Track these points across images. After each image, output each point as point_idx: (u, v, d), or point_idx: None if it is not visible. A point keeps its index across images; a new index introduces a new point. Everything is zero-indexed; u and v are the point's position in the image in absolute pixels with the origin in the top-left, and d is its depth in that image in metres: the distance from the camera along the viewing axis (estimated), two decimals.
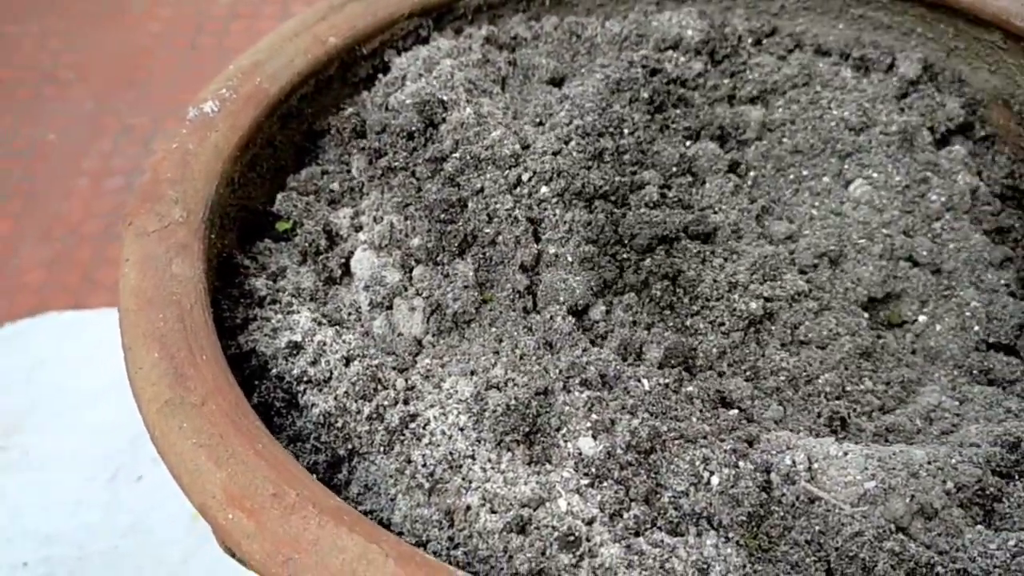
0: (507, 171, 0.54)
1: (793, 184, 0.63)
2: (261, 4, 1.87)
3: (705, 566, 0.41)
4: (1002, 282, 0.59)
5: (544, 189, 0.54)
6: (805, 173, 0.63)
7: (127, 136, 1.61)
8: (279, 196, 0.59)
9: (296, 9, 1.74)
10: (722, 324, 0.54)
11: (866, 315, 0.57)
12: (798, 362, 0.53)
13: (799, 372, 0.52)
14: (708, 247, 0.56)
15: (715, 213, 0.58)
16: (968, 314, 0.58)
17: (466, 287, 0.52)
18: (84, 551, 1.01)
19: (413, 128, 0.59)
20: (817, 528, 0.43)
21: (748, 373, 0.52)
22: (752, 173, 0.64)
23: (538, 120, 0.61)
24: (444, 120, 0.59)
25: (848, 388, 0.52)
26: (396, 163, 0.59)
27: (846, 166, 0.63)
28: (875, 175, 0.62)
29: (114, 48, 1.80)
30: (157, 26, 1.85)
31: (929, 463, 0.46)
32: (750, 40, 0.71)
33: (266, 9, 1.86)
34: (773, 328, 0.54)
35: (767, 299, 0.54)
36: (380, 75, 0.67)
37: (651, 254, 0.54)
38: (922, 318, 0.59)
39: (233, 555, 0.41)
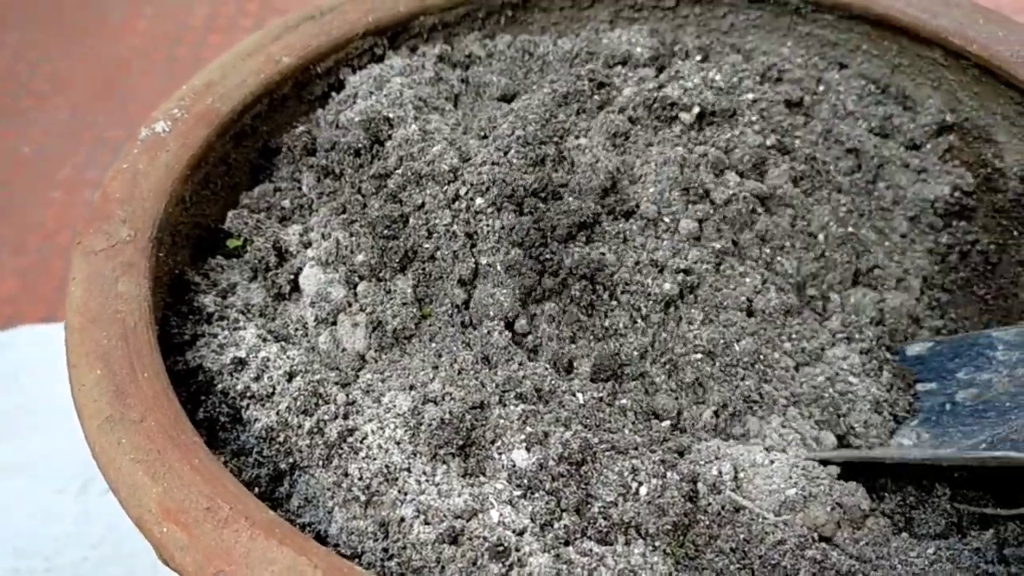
0: (446, 186, 0.56)
1: None
2: (237, 17, 1.88)
3: (632, 574, 0.42)
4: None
5: (479, 200, 0.55)
6: None
7: (103, 148, 1.62)
8: (230, 214, 0.60)
9: (272, 22, 1.75)
10: (639, 309, 0.55)
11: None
12: (713, 332, 0.54)
13: (715, 343, 0.54)
14: (630, 223, 0.57)
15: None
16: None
17: (404, 304, 0.53)
18: (53, 563, 1.02)
19: (360, 145, 0.60)
20: (742, 536, 0.44)
21: (668, 367, 0.54)
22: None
23: (482, 134, 0.63)
24: (390, 137, 0.60)
25: (764, 353, 0.54)
26: (343, 180, 0.60)
27: None
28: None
29: (91, 60, 1.80)
30: (134, 39, 1.86)
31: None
32: (699, 57, 0.72)
33: (242, 22, 1.87)
34: (696, 297, 0.56)
35: (685, 272, 0.56)
36: (335, 93, 0.68)
37: (572, 242, 0.55)
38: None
39: (170, 567, 0.42)
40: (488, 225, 0.54)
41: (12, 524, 1.05)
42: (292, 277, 0.57)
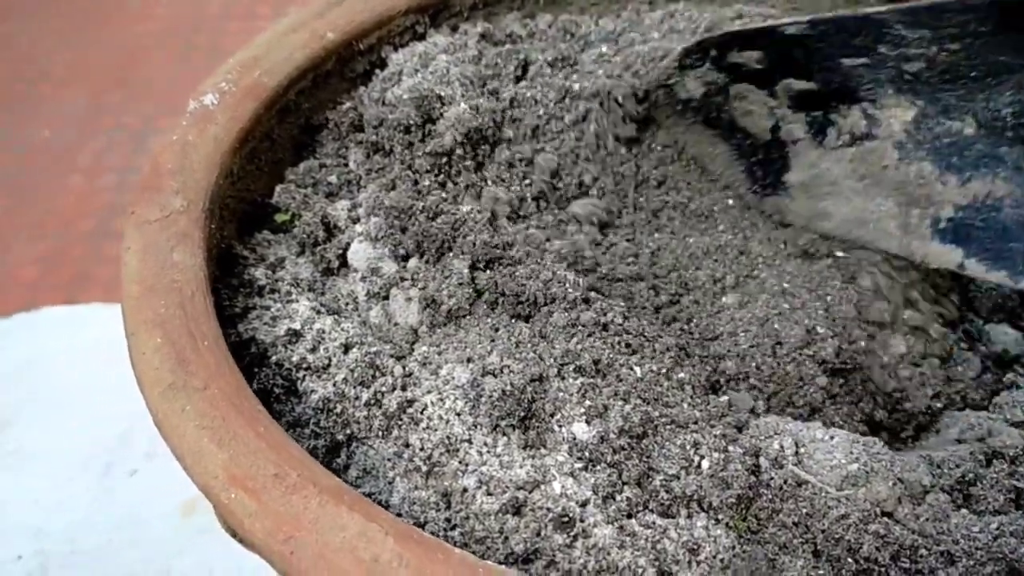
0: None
1: None
2: (255, 5, 1.88)
3: (695, 547, 0.42)
4: None
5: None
6: None
7: (121, 134, 1.62)
8: (278, 188, 0.60)
9: (290, 11, 1.75)
10: None
11: None
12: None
13: None
14: None
15: None
16: None
17: (460, 284, 0.53)
18: (77, 545, 1.02)
19: (410, 122, 0.60)
20: (804, 511, 0.44)
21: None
22: None
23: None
24: (442, 116, 0.60)
25: None
26: (393, 156, 0.60)
27: None
28: None
29: (109, 47, 1.80)
30: (152, 25, 1.86)
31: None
32: None
33: (260, 10, 1.86)
34: None
35: None
36: (377, 71, 0.68)
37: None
38: None
39: (235, 535, 0.41)
40: None
41: (36, 507, 1.05)
42: (340, 252, 0.57)
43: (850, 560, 0.43)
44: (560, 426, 0.46)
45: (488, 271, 0.54)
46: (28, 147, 1.59)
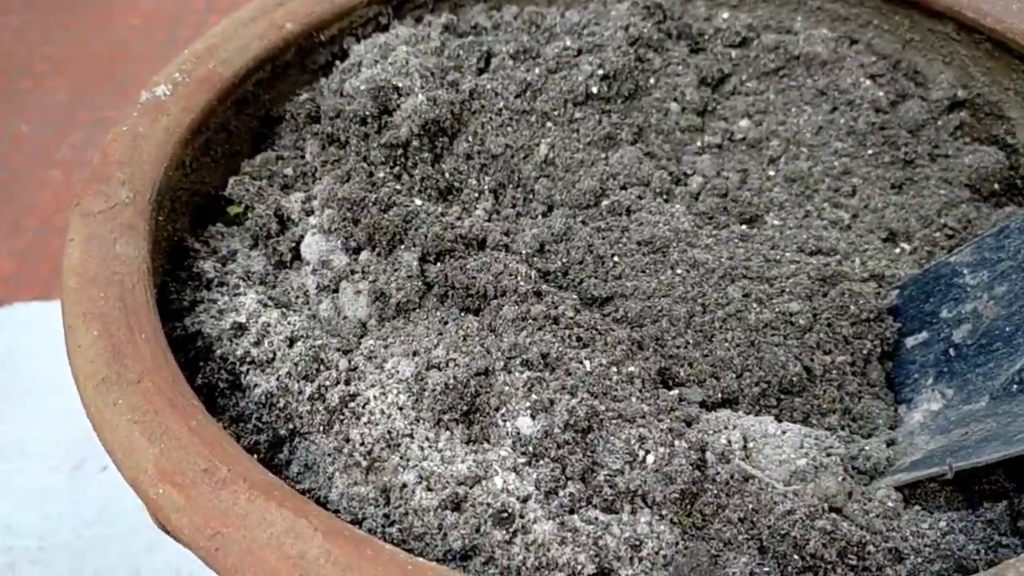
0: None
1: None
2: None
3: (638, 543, 0.42)
4: None
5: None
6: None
7: (101, 129, 1.60)
8: (231, 180, 0.59)
9: None
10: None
11: None
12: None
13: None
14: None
15: None
16: None
17: (409, 277, 0.52)
18: (47, 541, 1.01)
19: (366, 113, 0.59)
20: (750, 506, 0.43)
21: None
22: None
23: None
24: (398, 107, 0.59)
25: None
26: (348, 148, 0.59)
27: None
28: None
29: (91, 41, 1.79)
30: (136, 19, 1.85)
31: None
32: (710, 30, 0.71)
33: (244, 3, 1.85)
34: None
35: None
36: (338, 62, 0.67)
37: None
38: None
39: (166, 531, 0.41)
40: None
41: (5, 503, 1.04)
42: (293, 245, 0.56)
43: (796, 557, 0.42)
44: (504, 420, 0.45)
45: (438, 264, 0.53)
46: (6, 141, 1.57)
